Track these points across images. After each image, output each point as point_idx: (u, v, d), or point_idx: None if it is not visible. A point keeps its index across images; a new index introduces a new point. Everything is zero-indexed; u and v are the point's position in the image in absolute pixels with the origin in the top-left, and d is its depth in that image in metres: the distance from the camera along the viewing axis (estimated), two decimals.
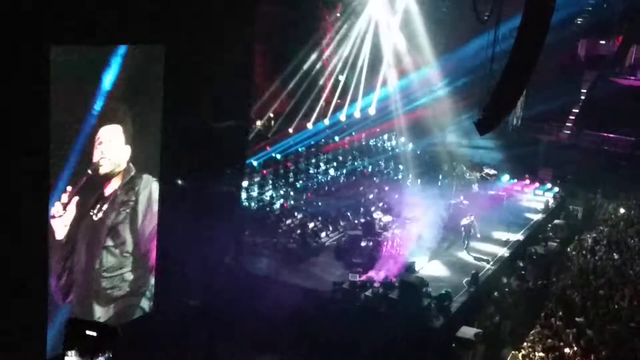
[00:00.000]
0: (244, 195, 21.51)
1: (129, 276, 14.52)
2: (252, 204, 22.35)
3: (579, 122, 34.86)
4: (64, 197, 12.53)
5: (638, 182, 28.15)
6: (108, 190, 13.54)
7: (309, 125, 27.03)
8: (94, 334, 6.10)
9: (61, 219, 12.51)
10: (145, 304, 15.16)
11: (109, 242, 13.75)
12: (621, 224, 25.14)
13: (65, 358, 5.81)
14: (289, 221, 21.70)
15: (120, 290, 14.32)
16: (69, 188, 12.60)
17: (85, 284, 13.39)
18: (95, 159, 13.06)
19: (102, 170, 13.26)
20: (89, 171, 12.94)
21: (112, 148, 13.33)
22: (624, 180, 28.98)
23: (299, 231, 21.06)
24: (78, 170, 12.67)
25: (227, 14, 15.92)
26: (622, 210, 27.19)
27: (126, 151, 13.83)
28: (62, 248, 12.74)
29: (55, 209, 12.40)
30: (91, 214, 13.17)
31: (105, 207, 13.47)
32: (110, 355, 6.08)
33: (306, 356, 15.57)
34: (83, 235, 13.08)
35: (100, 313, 13.84)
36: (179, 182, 15.85)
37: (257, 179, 23.51)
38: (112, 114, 13.20)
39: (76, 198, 12.73)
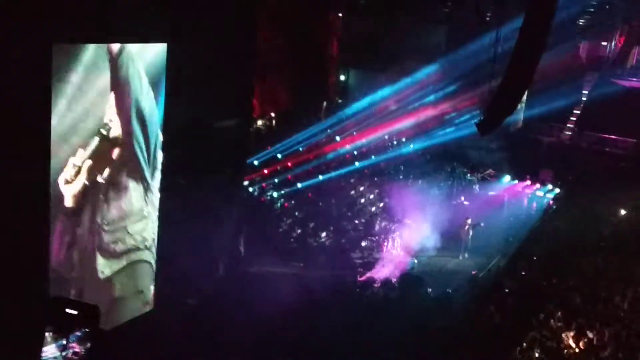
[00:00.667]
0: (244, 194, 21.51)
1: (132, 228, 14.19)
2: (253, 203, 22.33)
3: (580, 123, 34.81)
4: (77, 161, 12.33)
5: (639, 183, 28.11)
6: (115, 154, 13.37)
7: (310, 124, 27.04)
8: (74, 312, 6.11)
9: (72, 185, 12.29)
10: (150, 257, 14.91)
11: (112, 195, 13.45)
12: (622, 225, 25.11)
13: (46, 334, 5.83)
14: (289, 221, 21.70)
15: (124, 245, 13.96)
16: (81, 151, 12.43)
17: (90, 240, 13.11)
18: (105, 119, 12.93)
19: (112, 133, 13.09)
20: (102, 131, 12.77)
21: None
22: (625, 181, 28.95)
23: (299, 230, 21.06)
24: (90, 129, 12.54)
25: (229, 12, 15.93)
26: (623, 212, 27.17)
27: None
28: (69, 216, 12.53)
29: (68, 173, 12.20)
30: (99, 178, 13.01)
31: (110, 169, 13.31)
32: (88, 331, 6.08)
33: (306, 356, 15.55)
34: (88, 199, 12.86)
35: (105, 267, 13.52)
36: (179, 180, 15.85)
37: (257, 179, 23.51)
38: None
39: (88, 162, 12.57)
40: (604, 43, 37.45)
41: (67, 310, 5.52)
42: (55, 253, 12.31)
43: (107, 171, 13.11)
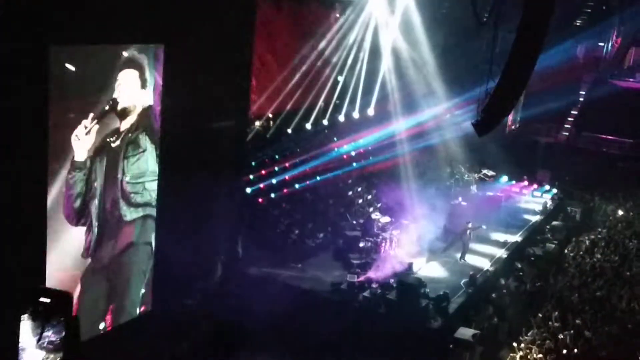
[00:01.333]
0: (241, 195, 21.48)
1: (149, 186, 15.21)
2: (251, 204, 22.29)
3: (577, 123, 34.92)
4: (87, 122, 13.13)
5: (636, 183, 28.21)
6: (123, 126, 14.19)
7: (308, 126, 27.00)
8: (48, 300, 6.11)
9: (82, 142, 13.15)
10: (155, 213, 15.51)
11: (130, 155, 14.56)
12: (619, 225, 25.18)
13: (20, 323, 5.83)
14: (287, 221, 21.68)
15: (143, 197, 15.12)
16: (91, 115, 13.18)
17: (114, 191, 14.31)
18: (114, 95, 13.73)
19: (119, 107, 13.89)
20: (111, 102, 13.64)
21: (128, 89, 14.01)
22: (622, 181, 29.03)
23: (297, 231, 21.05)
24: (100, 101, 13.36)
25: (227, 13, 15.94)
26: (620, 212, 27.24)
27: (141, 96, 14.40)
28: (81, 168, 13.33)
29: (78, 131, 13.00)
30: (109, 141, 13.93)
31: (125, 134, 14.28)
32: (62, 318, 6.08)
33: (303, 357, 15.56)
34: (102, 158, 13.81)
35: (127, 213, 14.74)
36: (177, 181, 15.84)
37: (255, 180, 23.45)
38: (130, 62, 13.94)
39: (96, 126, 13.38)
40: (601, 44, 37.57)
41: (41, 299, 5.54)
42: (66, 204, 13.09)
43: (122, 135, 14.11)
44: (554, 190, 29.44)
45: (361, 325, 16.30)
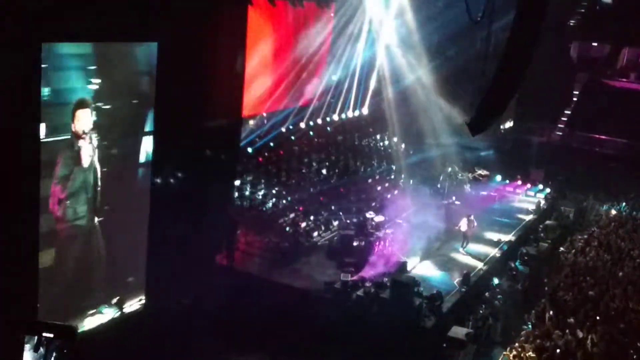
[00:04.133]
0: (236, 194, 21.46)
1: None
2: (245, 203, 22.27)
3: (571, 123, 35.00)
4: None
5: (629, 183, 28.29)
6: None
7: (302, 125, 26.99)
8: (51, 335, 6.07)
9: None
10: None
11: None
12: (612, 225, 25.25)
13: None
14: (281, 220, 21.66)
15: None
16: None
17: None
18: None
19: None
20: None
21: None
22: (615, 181, 29.12)
23: (291, 231, 21.03)
24: None
25: (219, 11, 15.90)
26: (613, 212, 27.32)
27: None
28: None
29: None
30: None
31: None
32: (67, 352, 6.03)
33: (297, 356, 15.55)
34: None
35: None
36: (171, 180, 15.80)
37: (249, 178, 23.43)
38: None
39: None
40: (594, 44, 37.66)
41: (44, 334, 5.51)
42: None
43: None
44: (548, 190, 29.52)
45: (355, 324, 16.28)
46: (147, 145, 15.15)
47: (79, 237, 14.30)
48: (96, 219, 14.49)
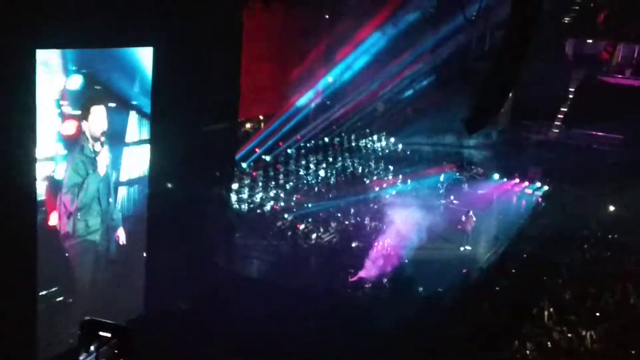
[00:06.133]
0: (233, 197, 21.45)
1: None
2: (242, 206, 22.28)
3: (567, 120, 35.03)
4: None
5: (627, 179, 28.29)
6: None
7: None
8: (108, 335, 5.91)
9: None
10: None
11: None
12: (610, 221, 25.27)
13: (81, 358, 5.65)
14: (279, 223, 21.66)
15: None
16: None
17: None
18: None
19: None
20: None
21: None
22: (612, 178, 29.13)
23: (289, 233, 21.03)
24: None
25: (216, 15, 15.87)
26: (611, 208, 27.34)
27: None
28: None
29: None
30: None
31: None
32: (120, 353, 5.86)
33: (297, 358, 15.51)
34: None
35: None
36: (168, 184, 15.76)
37: (247, 182, 23.45)
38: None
39: None
40: (590, 41, 37.72)
41: (100, 333, 5.43)
42: None
43: None
44: (545, 187, 29.54)
45: (355, 324, 16.26)
46: (143, 150, 15.10)
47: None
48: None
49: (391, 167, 29.89)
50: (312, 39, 26.00)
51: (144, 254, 15.37)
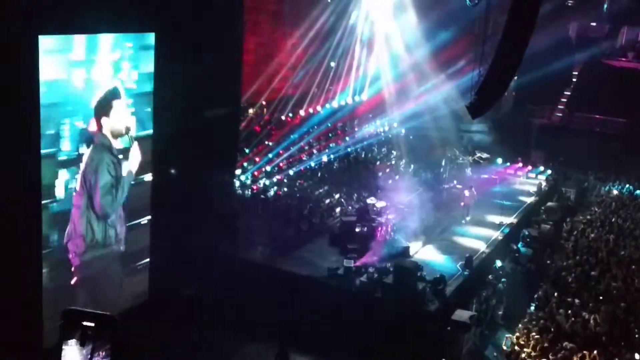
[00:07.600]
0: (237, 183, 21.46)
1: None
2: (246, 192, 22.29)
3: (570, 104, 34.89)
4: None
5: (629, 163, 28.26)
6: None
7: (301, 112, 26.97)
8: (92, 324, 5.97)
9: None
10: None
11: None
12: (613, 205, 25.28)
13: (64, 348, 5.75)
14: (282, 208, 21.66)
15: None
16: None
17: None
18: None
19: None
20: None
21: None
22: (615, 161, 29.09)
23: (293, 218, 21.04)
24: None
25: (217, 1, 15.82)
26: (614, 192, 27.33)
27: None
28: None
29: None
30: None
31: None
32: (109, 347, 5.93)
33: (301, 343, 15.61)
34: None
35: None
36: (172, 171, 15.79)
37: (250, 167, 23.44)
38: None
39: None
40: (593, 23, 37.46)
41: (84, 322, 5.47)
42: None
43: None
44: (549, 172, 29.50)
45: (358, 310, 16.34)
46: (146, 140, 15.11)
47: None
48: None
49: (394, 152, 29.87)
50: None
51: (149, 241, 15.44)
